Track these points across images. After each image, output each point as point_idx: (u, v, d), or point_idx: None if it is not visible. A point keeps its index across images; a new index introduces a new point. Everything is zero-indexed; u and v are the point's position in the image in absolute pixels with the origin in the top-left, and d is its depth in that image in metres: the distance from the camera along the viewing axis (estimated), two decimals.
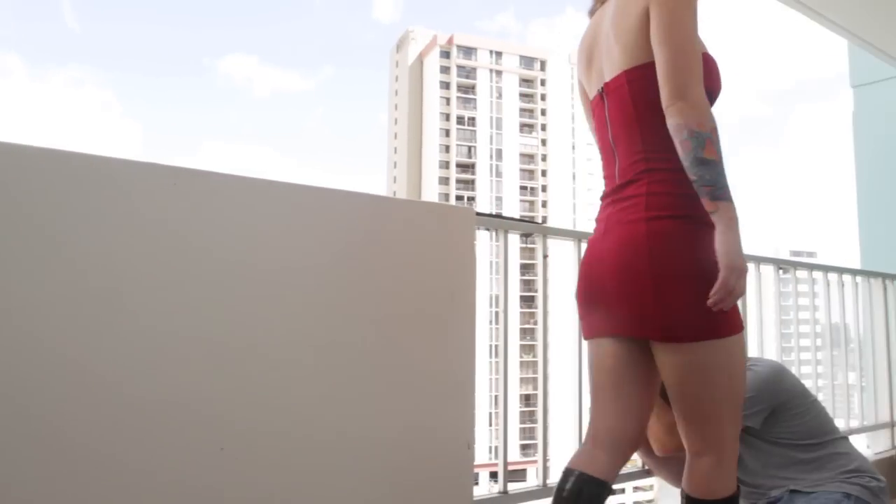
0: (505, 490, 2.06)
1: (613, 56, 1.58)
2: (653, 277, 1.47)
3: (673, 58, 1.44)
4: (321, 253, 1.63)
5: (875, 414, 3.63)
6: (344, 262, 1.66)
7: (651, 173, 1.53)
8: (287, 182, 1.61)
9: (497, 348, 2.17)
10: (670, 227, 1.48)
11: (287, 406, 1.54)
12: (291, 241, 1.59)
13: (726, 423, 1.54)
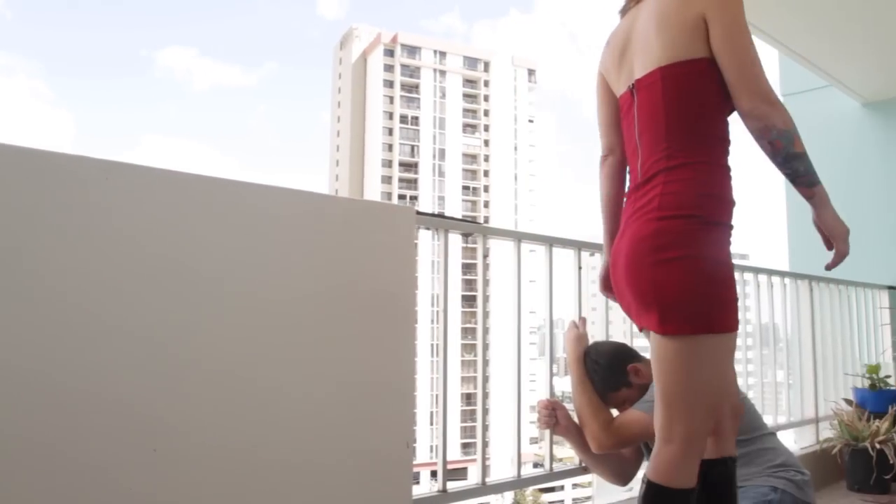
0: (444, 489, 2.07)
1: (649, 52, 1.63)
2: (652, 273, 1.55)
3: (747, 64, 1.53)
4: (259, 251, 1.60)
5: (801, 410, 3.77)
6: (282, 260, 1.64)
7: (668, 172, 1.58)
8: (224, 178, 1.58)
9: (438, 347, 2.17)
10: (675, 226, 1.54)
11: (222, 406, 1.52)
12: (229, 239, 1.56)
13: (699, 418, 1.58)
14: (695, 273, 1.52)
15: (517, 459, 2.33)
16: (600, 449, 2.24)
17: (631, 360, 2.31)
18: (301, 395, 1.63)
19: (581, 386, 2.28)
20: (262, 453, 1.56)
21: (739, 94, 1.54)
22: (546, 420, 2.32)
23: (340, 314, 1.72)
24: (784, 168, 1.54)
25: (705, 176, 1.56)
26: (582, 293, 2.54)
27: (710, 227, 1.55)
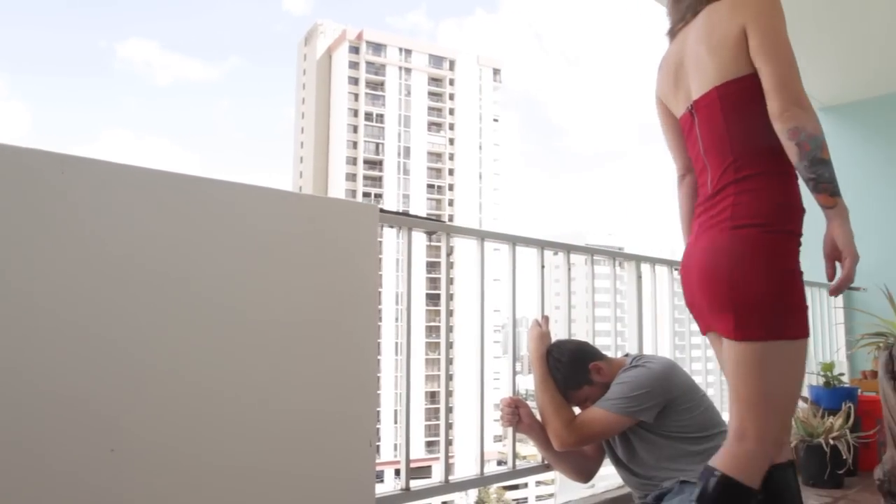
0: (407, 487, 2.06)
1: (705, 73, 1.70)
2: (730, 280, 1.60)
3: (783, 70, 1.59)
4: (220, 248, 1.58)
5: None
6: (244, 257, 1.62)
7: (738, 183, 1.65)
8: (185, 174, 1.56)
9: (402, 346, 2.17)
10: (749, 235, 1.60)
11: (183, 406, 1.49)
12: (189, 235, 1.54)
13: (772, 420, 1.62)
14: (768, 281, 1.57)
15: (480, 457, 2.34)
16: (562, 446, 2.25)
17: (593, 359, 2.33)
18: (262, 395, 1.61)
19: (543, 384, 2.29)
20: (222, 453, 1.54)
21: (773, 95, 1.58)
22: (509, 418, 2.33)
23: (302, 312, 1.70)
24: (809, 172, 1.56)
25: (775, 185, 1.62)
26: (545, 292, 2.55)
27: (782, 236, 1.60)
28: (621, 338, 2.96)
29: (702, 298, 1.70)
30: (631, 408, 2.18)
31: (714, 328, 1.72)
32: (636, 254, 3.07)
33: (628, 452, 2.30)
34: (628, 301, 3.01)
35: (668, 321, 3.22)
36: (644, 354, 2.54)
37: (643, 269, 3.05)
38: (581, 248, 2.75)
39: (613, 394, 2.22)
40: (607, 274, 2.94)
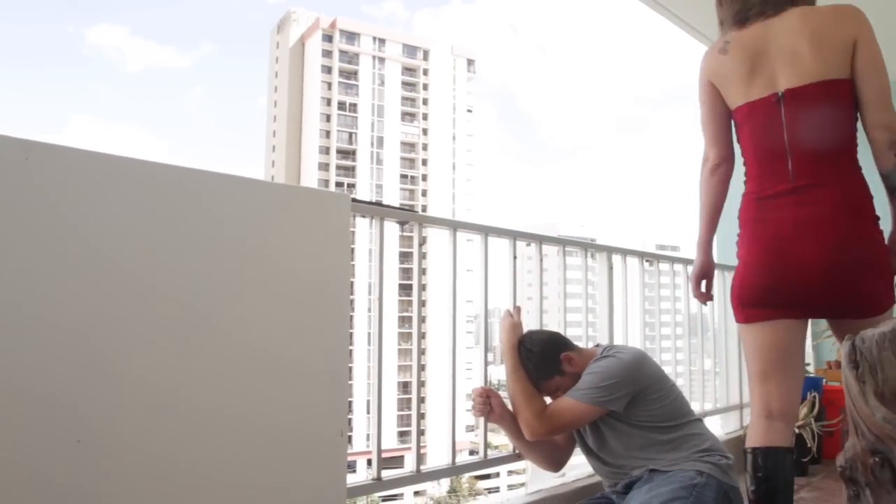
0: (379, 477, 2.06)
1: (803, 67, 1.82)
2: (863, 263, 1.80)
3: (886, 84, 1.80)
4: (189, 237, 1.56)
5: (727, 397, 3.90)
6: (213, 246, 1.60)
7: (841, 178, 1.81)
8: (153, 161, 1.53)
9: (374, 336, 2.16)
10: (866, 223, 1.81)
11: (150, 397, 1.47)
12: (156, 223, 1.51)
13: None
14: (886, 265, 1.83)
15: (452, 447, 2.34)
16: (533, 436, 2.26)
17: (564, 349, 2.35)
18: (231, 385, 1.60)
19: (515, 374, 2.30)
20: (191, 443, 1.52)
21: (877, 108, 1.78)
22: (480, 408, 2.34)
23: (273, 302, 1.69)
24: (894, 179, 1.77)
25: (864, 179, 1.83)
26: (517, 282, 2.56)
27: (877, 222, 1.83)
28: (592, 328, 2.99)
29: (836, 288, 1.81)
30: (601, 398, 2.19)
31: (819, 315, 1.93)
32: (608, 245, 3.09)
33: (598, 441, 2.32)
34: (599, 292, 3.03)
35: (638, 312, 3.24)
36: (615, 345, 2.56)
37: (614, 260, 3.07)
38: (553, 239, 2.75)
39: (584, 384, 2.23)
40: (579, 265, 2.95)
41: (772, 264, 1.87)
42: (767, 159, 1.88)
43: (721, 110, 1.99)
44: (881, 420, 1.46)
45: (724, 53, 1.95)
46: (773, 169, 1.87)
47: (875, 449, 1.47)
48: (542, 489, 2.50)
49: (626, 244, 3.43)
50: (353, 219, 2.01)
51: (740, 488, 2.20)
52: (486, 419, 2.38)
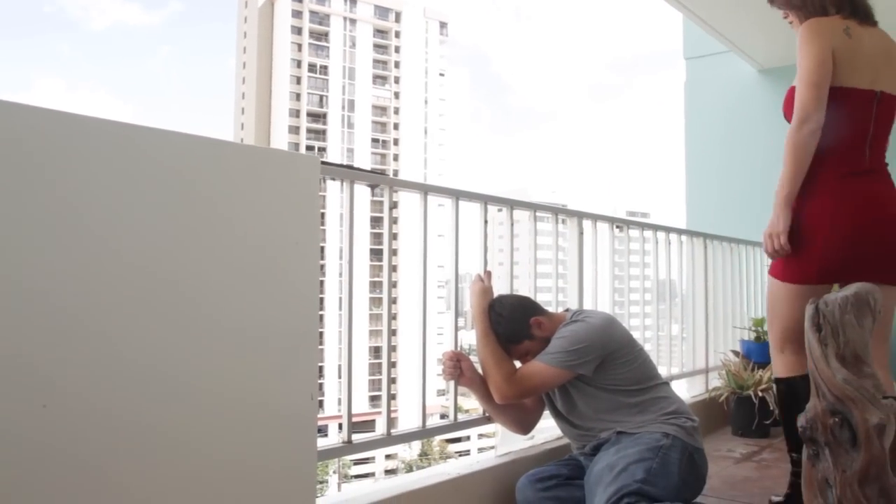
0: (349, 440, 2.07)
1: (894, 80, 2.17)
2: None
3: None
4: (153, 198, 1.52)
5: (693, 361, 3.96)
6: (178, 208, 1.56)
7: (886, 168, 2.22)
8: (117, 121, 1.48)
9: (345, 301, 2.15)
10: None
11: (116, 362, 1.45)
12: (121, 185, 1.47)
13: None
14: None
15: (422, 410, 2.36)
16: (503, 399, 2.28)
17: (534, 314, 2.36)
18: (199, 350, 1.58)
19: (485, 338, 2.31)
20: (159, 408, 1.51)
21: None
22: (451, 371, 2.35)
23: (241, 265, 1.66)
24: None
25: None
26: (488, 247, 2.56)
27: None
28: (563, 293, 3.01)
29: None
30: (570, 362, 2.22)
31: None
32: (578, 210, 3.10)
33: (567, 405, 2.35)
34: (570, 257, 3.04)
35: (608, 277, 3.27)
36: (584, 309, 2.58)
37: (585, 225, 3.08)
38: (524, 204, 2.75)
39: (553, 348, 2.25)
40: (549, 230, 2.96)
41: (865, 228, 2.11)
42: (856, 144, 2.15)
43: (830, 82, 2.10)
44: (841, 381, 1.50)
45: (848, 36, 2.13)
46: (856, 155, 2.15)
47: (835, 410, 1.51)
48: (511, 451, 2.53)
49: (598, 210, 3.44)
50: (323, 182, 1.99)
51: (705, 449, 2.25)
52: (457, 383, 2.39)
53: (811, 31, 2.12)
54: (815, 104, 2.07)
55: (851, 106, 2.11)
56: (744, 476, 2.90)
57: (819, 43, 2.10)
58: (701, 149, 5.46)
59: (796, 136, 2.09)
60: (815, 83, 2.08)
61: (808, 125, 2.08)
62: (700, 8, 4.26)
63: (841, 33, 2.12)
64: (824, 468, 1.53)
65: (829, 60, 2.09)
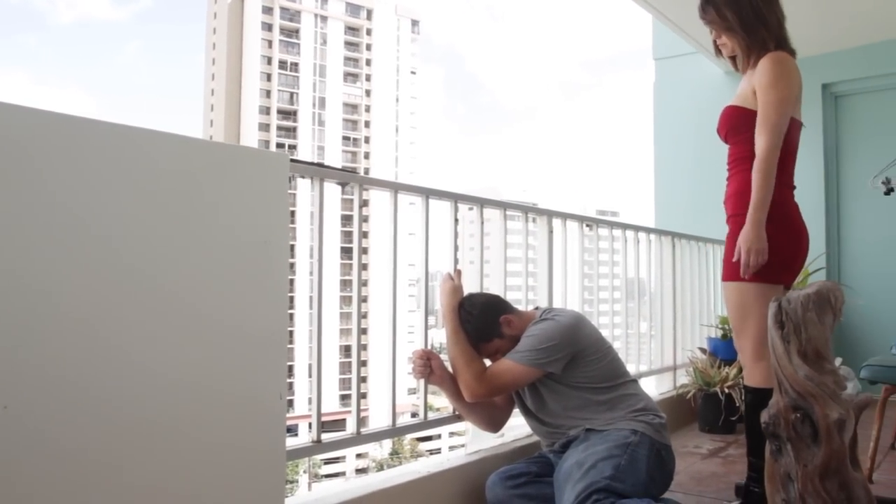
0: (318, 439, 2.06)
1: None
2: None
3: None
4: (121, 195, 1.50)
5: (661, 358, 4.01)
6: (148, 206, 1.55)
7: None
8: (83, 117, 1.46)
9: (315, 299, 2.14)
10: None
11: (82, 359, 1.43)
12: (88, 182, 1.45)
13: None
14: None
15: (392, 409, 2.35)
16: (473, 397, 2.29)
17: (503, 312, 2.37)
18: (166, 348, 1.56)
19: (455, 336, 2.32)
20: (126, 405, 1.49)
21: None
22: (421, 369, 2.35)
23: (209, 263, 1.65)
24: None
25: None
26: (459, 246, 2.56)
27: None
28: (533, 291, 3.02)
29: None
30: (540, 360, 2.23)
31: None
32: (548, 209, 3.12)
33: (537, 402, 2.36)
34: (540, 255, 3.06)
35: (577, 276, 3.29)
36: (553, 308, 2.60)
37: (555, 224, 3.10)
38: (494, 203, 2.76)
39: (523, 346, 2.26)
40: (520, 229, 2.97)
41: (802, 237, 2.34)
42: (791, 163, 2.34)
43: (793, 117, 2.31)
44: (803, 378, 1.52)
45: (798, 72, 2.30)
46: (791, 171, 2.35)
47: (797, 405, 1.54)
48: (481, 449, 2.54)
49: (568, 209, 3.46)
50: (293, 180, 1.98)
51: (672, 446, 2.28)
52: (427, 381, 2.39)
53: (789, 65, 2.27)
54: (783, 134, 2.23)
55: (793, 133, 2.30)
56: (710, 471, 2.94)
57: (795, 78, 2.27)
58: (669, 148, 5.52)
59: (770, 159, 2.20)
60: (786, 114, 2.23)
61: (778, 149, 2.22)
62: (669, 9, 4.30)
63: (798, 71, 2.30)
64: (786, 463, 1.56)
65: (795, 99, 2.28)
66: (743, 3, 2.30)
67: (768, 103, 2.22)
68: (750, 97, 2.29)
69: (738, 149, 2.34)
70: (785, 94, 2.22)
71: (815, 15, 4.26)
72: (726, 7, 2.33)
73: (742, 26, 2.31)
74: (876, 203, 4.51)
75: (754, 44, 2.32)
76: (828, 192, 4.95)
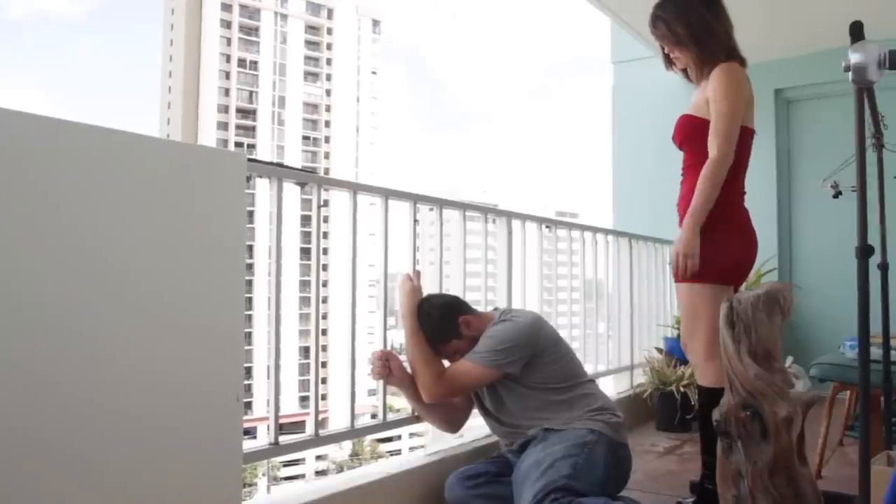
0: (276, 441, 2.05)
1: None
2: None
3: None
4: (75, 194, 1.48)
5: (619, 358, 4.06)
6: (101, 205, 1.52)
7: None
8: (35, 114, 1.43)
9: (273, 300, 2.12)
10: None
11: (37, 358, 1.40)
12: (39, 181, 1.42)
13: None
14: None
15: (351, 410, 2.34)
16: (432, 399, 2.29)
17: (462, 313, 2.38)
18: (121, 349, 1.54)
19: (414, 337, 2.32)
20: (80, 405, 1.46)
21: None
22: (379, 370, 2.35)
23: (164, 264, 1.62)
24: None
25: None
26: (419, 247, 2.56)
27: None
28: (492, 292, 3.04)
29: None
30: (498, 361, 2.24)
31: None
32: (507, 210, 3.14)
33: (496, 403, 2.37)
34: (499, 256, 3.08)
35: (536, 276, 3.32)
36: (512, 309, 2.62)
37: (514, 225, 3.12)
38: (454, 204, 2.77)
39: (482, 347, 2.27)
40: (479, 230, 2.99)
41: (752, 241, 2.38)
42: (743, 170, 2.37)
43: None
44: (753, 377, 1.56)
45: (747, 81, 2.35)
46: (742, 179, 2.38)
47: (747, 404, 1.57)
48: (440, 450, 2.55)
49: (528, 210, 3.48)
50: (252, 180, 1.96)
51: (629, 444, 2.31)
52: (386, 382, 2.39)
53: (739, 75, 2.31)
54: (732, 146, 2.26)
55: (745, 141, 2.34)
56: (667, 469, 2.99)
57: (745, 87, 2.32)
58: (628, 151, 5.59)
59: (720, 167, 2.25)
60: (737, 124, 2.27)
61: (729, 159, 2.26)
62: (626, 13, 4.36)
63: (748, 81, 2.35)
64: (737, 460, 1.60)
65: (744, 107, 2.31)
66: (692, 17, 2.34)
67: (720, 113, 2.26)
68: (703, 107, 2.33)
69: (692, 155, 2.38)
70: (736, 104, 2.27)
71: (768, 22, 4.35)
72: (676, 22, 2.37)
73: (692, 40, 2.36)
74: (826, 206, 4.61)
75: (705, 56, 2.36)
76: (780, 195, 5.07)
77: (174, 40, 63.75)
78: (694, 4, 2.35)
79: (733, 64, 2.33)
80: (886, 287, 2.31)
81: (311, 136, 64.61)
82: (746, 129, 2.35)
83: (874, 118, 2.32)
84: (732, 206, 2.34)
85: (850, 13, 1.61)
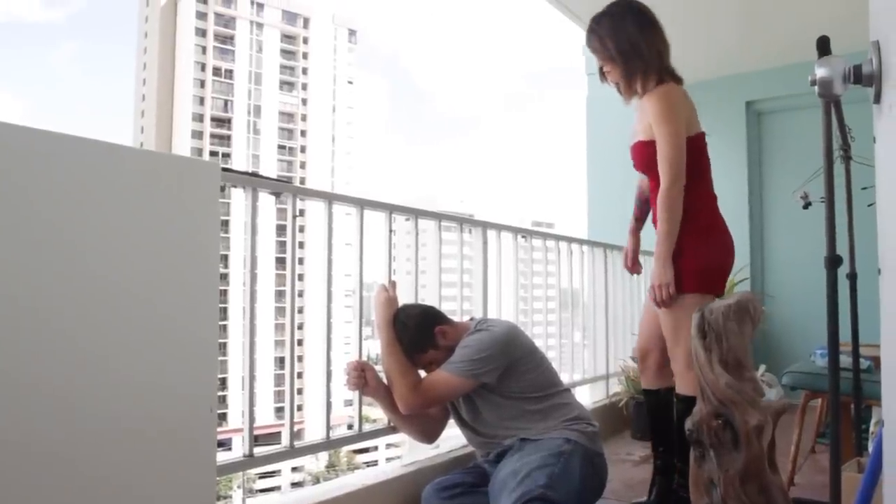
0: (251, 453, 2.03)
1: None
2: None
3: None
4: (46, 204, 1.46)
5: (594, 367, 4.08)
6: (73, 215, 1.50)
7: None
8: (8, 123, 1.41)
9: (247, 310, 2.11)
10: None
11: (9, 367, 1.38)
12: (10, 189, 1.40)
13: None
14: None
15: (326, 421, 2.33)
16: (408, 409, 2.29)
17: (438, 323, 2.38)
18: (93, 359, 1.52)
19: (390, 348, 2.32)
20: (50, 417, 1.44)
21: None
22: (355, 381, 2.34)
23: (137, 274, 1.61)
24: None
25: None
26: (395, 257, 2.56)
27: None
28: (468, 302, 3.04)
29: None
30: (474, 371, 2.25)
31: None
32: (483, 220, 3.15)
33: (472, 413, 2.38)
34: (475, 266, 3.09)
35: (512, 286, 3.33)
36: (488, 318, 2.62)
37: (490, 235, 3.13)
38: (429, 214, 2.78)
39: (458, 357, 2.28)
40: (455, 240, 2.99)
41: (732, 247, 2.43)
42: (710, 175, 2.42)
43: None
44: (724, 386, 1.58)
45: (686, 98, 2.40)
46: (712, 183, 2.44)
47: (719, 412, 1.59)
48: (416, 461, 2.54)
49: (505, 220, 3.50)
50: (227, 190, 1.95)
51: (605, 453, 2.32)
52: (362, 393, 2.38)
53: (672, 97, 2.35)
54: (683, 164, 2.29)
55: (701, 146, 2.40)
56: (642, 478, 3.00)
57: (681, 107, 2.35)
58: (601, 161, 5.65)
59: (674, 192, 2.29)
60: (681, 145, 2.30)
61: (680, 181, 2.29)
62: None
63: (685, 96, 2.40)
64: (709, 469, 1.61)
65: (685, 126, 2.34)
66: (620, 35, 2.40)
67: (662, 138, 2.31)
68: (651, 131, 2.38)
69: (658, 183, 2.39)
70: (676, 126, 2.30)
71: (739, 36, 4.42)
72: (607, 37, 2.42)
73: (620, 57, 2.41)
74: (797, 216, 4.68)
75: (632, 74, 2.42)
76: (752, 206, 5.15)
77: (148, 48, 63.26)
78: (626, 23, 2.40)
79: (666, 86, 2.37)
80: (855, 296, 2.34)
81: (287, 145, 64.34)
82: (698, 135, 2.39)
83: (842, 130, 2.35)
84: (707, 211, 2.39)
85: (820, 28, 1.65)
